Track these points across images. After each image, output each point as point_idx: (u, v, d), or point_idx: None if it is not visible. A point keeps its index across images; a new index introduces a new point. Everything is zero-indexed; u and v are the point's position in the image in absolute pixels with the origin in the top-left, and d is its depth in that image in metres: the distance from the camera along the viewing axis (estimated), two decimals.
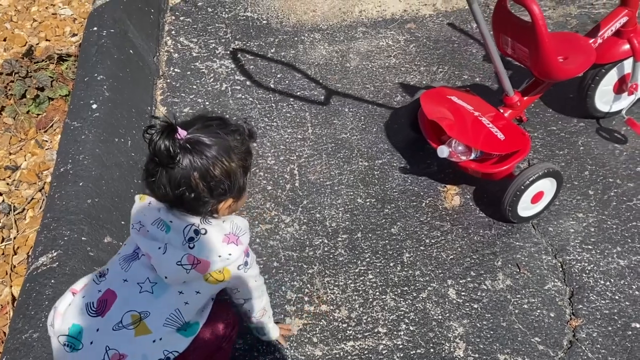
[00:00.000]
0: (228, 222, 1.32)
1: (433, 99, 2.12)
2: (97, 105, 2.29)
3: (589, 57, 2.04)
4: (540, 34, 1.80)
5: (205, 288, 1.31)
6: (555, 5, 3.16)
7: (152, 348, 1.23)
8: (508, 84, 2.03)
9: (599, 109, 2.37)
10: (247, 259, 1.36)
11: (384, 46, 2.97)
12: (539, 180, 1.91)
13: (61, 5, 3.19)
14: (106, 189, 2.04)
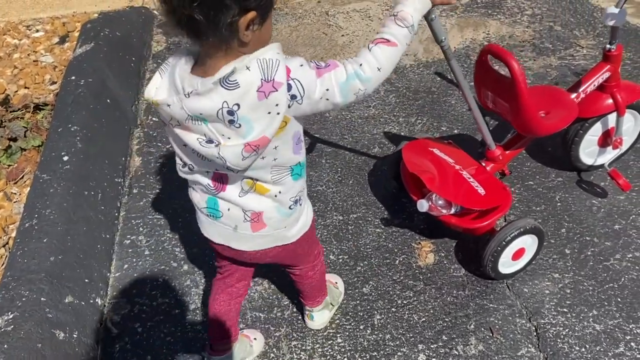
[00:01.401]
0: (253, 66, 1.07)
1: (415, 150, 2.10)
2: (68, 157, 2.26)
3: (571, 112, 2.03)
4: (520, 90, 1.79)
5: (278, 140, 1.17)
6: (536, 56, 3.17)
7: (281, 198, 1.31)
8: (489, 138, 2.02)
9: (583, 161, 2.35)
10: (292, 92, 1.11)
11: None
12: (520, 236, 1.88)
13: (43, 52, 3.20)
14: (71, 245, 1.99)
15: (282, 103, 1.10)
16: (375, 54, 1.17)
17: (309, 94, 1.13)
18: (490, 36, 3.35)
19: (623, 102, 2.12)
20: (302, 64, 1.13)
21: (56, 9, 3.66)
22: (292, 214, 1.37)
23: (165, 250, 2.21)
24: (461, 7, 3.62)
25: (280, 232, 1.40)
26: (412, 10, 1.19)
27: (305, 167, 1.33)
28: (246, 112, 1.09)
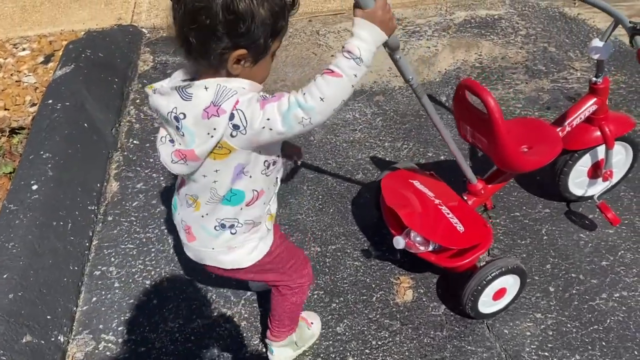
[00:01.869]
0: (212, 88, 1.16)
1: (394, 182, 2.03)
2: (38, 185, 2.20)
3: (555, 147, 1.94)
4: (497, 127, 1.71)
5: (219, 165, 1.25)
6: (528, 79, 3.09)
7: (206, 220, 1.38)
8: (470, 172, 1.94)
9: (572, 192, 2.27)
10: (234, 122, 1.16)
11: (350, 119, 2.89)
12: (501, 276, 1.79)
13: (27, 72, 3.15)
14: (34, 280, 1.93)
15: (219, 129, 1.16)
16: (319, 84, 1.16)
17: (251, 124, 1.16)
18: (483, 57, 3.27)
19: (611, 135, 2.03)
20: (251, 98, 1.18)
21: (44, 26, 3.62)
22: (219, 237, 1.41)
23: (135, 282, 2.14)
24: (454, 27, 3.55)
25: (210, 253, 1.45)
26: (359, 42, 1.14)
27: (244, 199, 1.35)
28: (189, 124, 1.19)
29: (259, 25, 1.13)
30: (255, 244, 1.46)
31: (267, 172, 1.34)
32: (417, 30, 3.52)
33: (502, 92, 3.01)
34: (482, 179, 2.03)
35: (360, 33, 1.14)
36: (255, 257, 1.47)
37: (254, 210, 1.39)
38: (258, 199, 1.37)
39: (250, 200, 1.36)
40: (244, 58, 1.17)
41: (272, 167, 1.35)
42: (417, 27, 3.56)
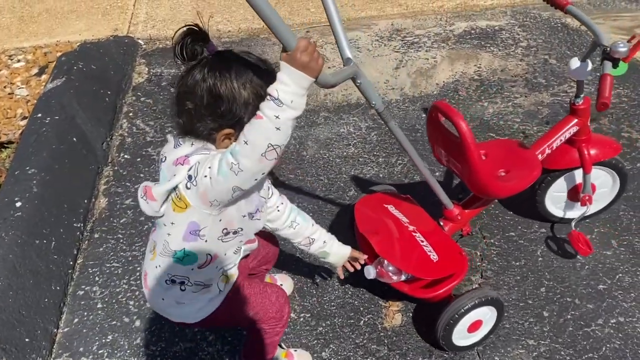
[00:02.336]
0: (196, 145, 1.27)
1: (368, 207, 1.97)
2: (21, 203, 2.17)
3: (533, 171, 1.87)
4: (470, 152, 1.65)
5: (176, 217, 1.30)
6: (528, 92, 3.02)
7: (158, 272, 1.40)
8: (445, 197, 1.87)
9: (552, 213, 2.21)
10: (190, 172, 1.23)
11: (345, 133, 2.84)
12: (475, 308, 1.72)
13: (20, 84, 3.13)
14: (13, 301, 1.89)
15: (178, 175, 1.24)
16: (244, 129, 1.16)
17: (199, 174, 1.21)
18: (482, 69, 3.21)
19: (590, 159, 1.95)
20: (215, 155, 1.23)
21: (40, 37, 3.61)
22: (169, 290, 1.42)
23: (119, 303, 2.09)
24: (453, 38, 3.49)
25: (160, 303, 1.45)
26: (278, 85, 1.12)
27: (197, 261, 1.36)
28: (164, 166, 1.30)
29: (241, 106, 1.22)
30: (203, 304, 1.45)
31: (225, 239, 1.36)
32: (415, 42, 3.47)
33: (501, 105, 2.95)
34: (459, 204, 1.96)
35: (281, 77, 1.12)
36: (201, 315, 1.46)
37: (206, 272, 1.40)
38: (211, 262, 1.38)
39: (203, 264, 1.38)
40: (232, 135, 1.25)
41: (233, 236, 1.38)
42: (416, 38, 3.51)
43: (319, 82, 1.19)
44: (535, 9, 3.68)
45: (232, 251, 1.42)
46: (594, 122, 2.78)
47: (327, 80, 1.24)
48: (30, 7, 3.88)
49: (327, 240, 1.67)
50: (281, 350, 1.84)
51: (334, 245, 1.69)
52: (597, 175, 2.07)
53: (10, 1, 3.98)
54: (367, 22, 3.66)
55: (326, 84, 1.25)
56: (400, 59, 3.34)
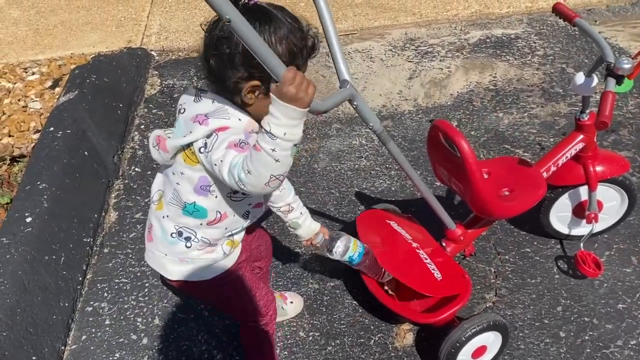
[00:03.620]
0: (216, 104, 1.26)
1: (370, 221, 1.93)
2: (32, 218, 2.16)
3: (537, 190, 1.80)
4: (471, 172, 1.59)
5: (186, 169, 1.30)
6: (545, 102, 2.96)
7: (166, 222, 1.40)
8: (447, 218, 1.82)
9: (558, 230, 2.16)
10: (208, 140, 1.22)
11: (357, 145, 2.80)
12: (480, 334, 1.67)
13: (33, 97, 3.15)
14: (21, 318, 1.88)
15: (194, 134, 1.23)
16: (247, 158, 1.16)
17: (212, 154, 1.22)
18: (497, 79, 3.15)
19: (595, 176, 1.89)
20: (232, 136, 1.22)
21: (55, 50, 3.63)
22: (174, 245, 1.41)
23: (127, 319, 2.08)
24: (468, 47, 3.43)
25: (162, 258, 1.45)
26: (269, 118, 1.12)
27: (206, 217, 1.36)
28: (182, 118, 1.29)
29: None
30: (207, 264, 1.45)
31: (234, 197, 1.36)
32: (429, 51, 3.42)
33: (517, 116, 2.89)
34: (462, 224, 1.91)
35: (272, 110, 1.12)
36: (204, 276, 1.47)
37: (214, 231, 1.40)
38: (221, 221, 1.38)
39: (212, 221, 1.38)
40: (258, 89, 1.23)
41: (243, 196, 1.37)
42: (430, 47, 3.46)
43: (311, 110, 1.17)
44: (552, 17, 3.61)
45: (240, 213, 1.40)
46: (613, 133, 2.71)
47: (317, 108, 1.22)
48: (46, 20, 3.92)
49: (303, 213, 1.67)
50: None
51: (307, 219, 1.69)
52: (604, 192, 2.01)
53: (27, 14, 4.03)
54: (381, 32, 3.63)
55: (317, 111, 1.23)
56: (414, 68, 3.30)
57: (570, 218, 2.11)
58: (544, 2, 3.73)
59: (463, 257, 2.11)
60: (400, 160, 1.58)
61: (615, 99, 1.51)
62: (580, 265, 1.95)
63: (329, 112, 2.98)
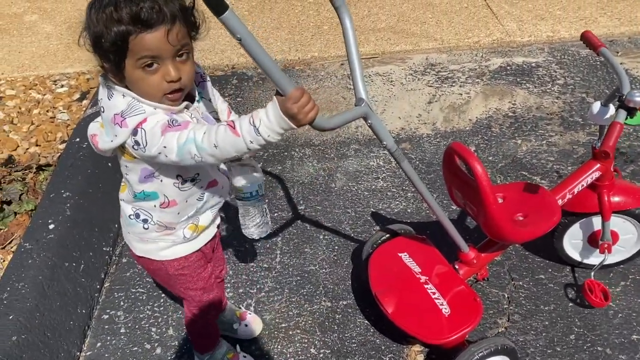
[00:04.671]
0: (127, 99, 1.25)
1: (383, 258, 1.96)
2: (54, 225, 2.22)
3: (552, 216, 1.81)
4: (485, 195, 1.61)
5: (128, 163, 1.35)
6: (563, 130, 2.97)
7: (124, 204, 1.48)
8: (461, 240, 1.84)
9: (570, 256, 2.15)
10: (136, 137, 1.23)
11: (374, 166, 2.83)
12: (488, 357, 1.67)
13: (62, 109, 3.24)
14: (39, 322, 1.92)
15: (119, 137, 1.25)
16: (219, 133, 1.18)
17: (149, 147, 1.23)
18: (517, 106, 3.17)
19: (610, 206, 1.89)
20: (158, 122, 1.23)
21: (84, 64, 3.73)
22: (133, 226, 1.47)
23: (141, 329, 2.11)
24: (488, 73, 3.46)
25: (127, 235, 1.53)
26: (264, 117, 1.15)
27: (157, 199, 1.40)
28: (105, 118, 1.29)
29: (97, 41, 1.20)
30: (167, 244, 1.50)
31: (182, 187, 1.39)
32: (450, 77, 3.46)
33: (535, 143, 2.90)
34: (475, 248, 1.92)
35: (267, 110, 1.15)
36: (165, 255, 1.51)
37: (166, 215, 1.44)
38: (169, 206, 1.42)
39: (163, 204, 1.41)
40: (107, 71, 1.25)
41: (191, 184, 1.40)
42: (450, 73, 3.50)
43: (314, 126, 1.21)
44: (573, 47, 3.63)
45: (194, 198, 1.44)
46: (632, 163, 2.70)
47: (323, 125, 1.24)
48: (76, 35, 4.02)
49: None
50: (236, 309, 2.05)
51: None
52: (620, 224, 2.00)
53: (59, 29, 4.16)
54: (402, 56, 3.68)
55: (322, 128, 1.25)
56: (434, 93, 3.33)
57: (584, 246, 2.11)
58: (566, 32, 3.76)
59: (476, 280, 2.12)
60: (413, 179, 1.61)
61: (622, 131, 1.54)
62: (587, 294, 1.95)
63: (348, 133, 3.04)
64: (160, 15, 1.17)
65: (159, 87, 1.25)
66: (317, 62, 3.69)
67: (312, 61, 3.70)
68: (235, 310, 2.03)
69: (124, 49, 1.18)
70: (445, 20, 3.96)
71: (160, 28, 1.18)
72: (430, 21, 3.97)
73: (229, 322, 1.99)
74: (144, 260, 1.55)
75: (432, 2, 4.18)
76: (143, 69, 1.22)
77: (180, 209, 1.44)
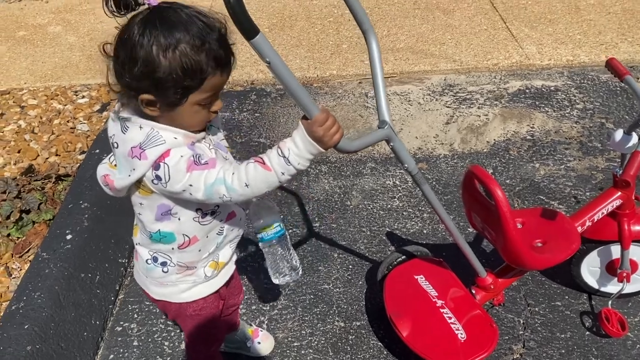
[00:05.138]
0: (145, 129, 1.18)
1: (399, 280, 1.95)
2: (72, 236, 2.24)
3: (571, 244, 1.79)
4: (505, 220, 1.60)
5: (143, 200, 1.29)
6: (582, 155, 2.95)
7: (140, 249, 1.42)
8: (478, 265, 1.82)
9: (588, 284, 2.12)
10: (158, 172, 1.18)
11: (390, 185, 2.83)
12: None
13: (82, 119, 3.28)
14: (54, 332, 1.93)
15: (138, 171, 1.18)
16: (248, 171, 1.17)
17: (172, 184, 1.18)
18: (535, 130, 3.16)
19: (630, 235, 1.87)
20: (183, 155, 1.18)
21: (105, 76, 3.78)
22: (152, 270, 1.42)
23: (154, 342, 2.11)
24: (507, 96, 3.46)
25: (144, 279, 1.48)
26: (292, 145, 1.16)
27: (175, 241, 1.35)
28: (120, 155, 1.23)
29: (160, 75, 1.11)
30: (188, 285, 1.45)
31: (202, 222, 1.34)
32: (468, 98, 3.46)
33: (553, 168, 2.88)
34: (493, 273, 1.91)
35: (295, 138, 1.16)
36: (185, 297, 1.47)
37: (187, 254, 1.39)
38: (190, 244, 1.36)
39: (182, 244, 1.36)
40: (154, 103, 1.16)
41: (211, 218, 1.35)
42: (468, 94, 3.50)
43: (338, 149, 1.22)
44: (593, 71, 3.62)
45: (214, 232, 1.40)
46: None
47: (347, 148, 1.25)
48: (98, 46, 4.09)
49: None
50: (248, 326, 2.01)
51: None
52: (638, 253, 1.98)
53: (82, 40, 4.22)
54: (420, 76, 3.69)
55: (346, 150, 1.26)
56: (451, 114, 3.33)
57: (602, 274, 2.08)
58: (586, 56, 3.75)
59: (492, 305, 2.09)
60: (434, 203, 1.61)
61: None
62: (603, 322, 1.92)
63: (365, 151, 3.04)
64: (233, 57, 1.20)
65: (206, 118, 1.24)
66: (335, 80, 3.71)
67: (330, 79, 3.72)
68: (248, 328, 2.02)
69: (196, 87, 1.15)
70: (465, 42, 3.97)
71: (229, 70, 1.20)
72: (449, 42, 3.98)
73: (241, 340, 1.98)
74: (162, 302, 1.50)
75: (451, 24, 4.19)
76: (202, 105, 1.19)
77: (201, 246, 1.39)
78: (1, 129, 3.22)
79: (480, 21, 4.19)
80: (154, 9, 1.11)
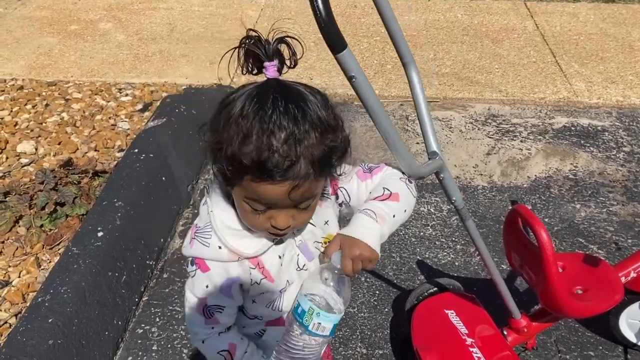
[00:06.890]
0: (204, 212, 1.12)
1: (428, 313, 1.89)
2: (103, 233, 2.24)
3: (613, 294, 1.71)
4: (548, 264, 1.54)
5: None
6: (626, 201, 2.85)
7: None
8: (514, 306, 1.76)
9: (625, 336, 2.03)
10: (189, 270, 1.15)
11: (424, 213, 2.77)
12: None
13: (123, 117, 3.32)
14: (76, 329, 1.93)
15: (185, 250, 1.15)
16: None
17: (185, 290, 1.19)
18: (578, 169, 3.07)
19: None
20: (206, 282, 1.14)
21: (150, 76, 3.83)
22: None
23: (173, 349, 2.09)
24: (552, 132, 3.38)
25: None
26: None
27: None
28: None
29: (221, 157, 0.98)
30: None
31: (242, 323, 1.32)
32: (511, 130, 3.39)
33: (594, 210, 2.79)
34: (527, 315, 1.83)
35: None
36: None
37: None
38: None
39: None
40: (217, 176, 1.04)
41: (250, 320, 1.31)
42: (512, 126, 3.43)
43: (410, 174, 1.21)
44: None
45: (252, 331, 1.32)
46: None
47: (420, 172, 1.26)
48: (146, 47, 4.16)
49: None
50: None
51: None
52: None
53: (130, 39, 4.29)
54: (464, 104, 3.63)
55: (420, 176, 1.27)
56: (493, 145, 3.26)
57: None
58: (637, 98, 3.64)
59: (524, 349, 2.02)
60: (475, 239, 1.55)
61: None
62: None
63: None
64: (289, 172, 0.94)
65: (262, 225, 1.05)
66: None
67: None
68: None
69: (236, 181, 1.00)
70: (512, 73, 3.91)
71: (285, 183, 0.95)
72: (496, 72, 3.92)
73: None
74: None
75: (499, 53, 4.13)
76: (251, 208, 1.03)
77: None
78: (45, 119, 3.28)
79: (530, 53, 4.12)
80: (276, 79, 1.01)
